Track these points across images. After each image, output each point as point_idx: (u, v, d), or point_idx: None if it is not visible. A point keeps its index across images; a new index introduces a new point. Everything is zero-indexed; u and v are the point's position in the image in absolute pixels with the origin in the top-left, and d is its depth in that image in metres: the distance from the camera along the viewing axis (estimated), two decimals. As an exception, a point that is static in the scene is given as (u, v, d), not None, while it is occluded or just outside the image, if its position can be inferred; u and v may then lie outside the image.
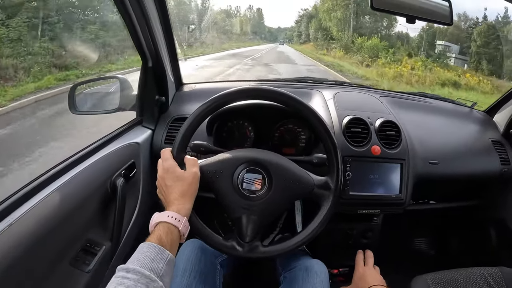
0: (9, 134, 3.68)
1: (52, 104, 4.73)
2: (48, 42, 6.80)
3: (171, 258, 0.60)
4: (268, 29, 47.27)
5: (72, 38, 8.25)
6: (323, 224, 0.80)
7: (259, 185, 0.78)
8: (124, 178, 0.91)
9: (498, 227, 1.36)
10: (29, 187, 0.71)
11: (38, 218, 0.66)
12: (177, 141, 0.77)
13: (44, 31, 7.09)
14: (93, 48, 8.36)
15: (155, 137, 1.13)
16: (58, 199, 0.72)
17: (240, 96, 0.82)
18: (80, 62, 6.88)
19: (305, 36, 32.75)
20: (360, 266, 1.01)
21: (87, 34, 8.78)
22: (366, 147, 1.03)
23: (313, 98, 1.27)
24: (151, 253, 0.58)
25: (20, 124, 4.01)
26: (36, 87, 5.25)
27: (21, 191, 0.69)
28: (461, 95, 8.62)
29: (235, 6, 39.33)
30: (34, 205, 0.67)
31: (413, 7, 0.95)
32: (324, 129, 0.81)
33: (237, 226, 0.78)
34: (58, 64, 6.42)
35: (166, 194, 0.71)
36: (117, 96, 1.09)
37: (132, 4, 0.88)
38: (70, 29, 8.29)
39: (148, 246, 0.59)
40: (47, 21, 7.19)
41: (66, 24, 7.93)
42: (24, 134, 3.73)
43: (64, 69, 6.42)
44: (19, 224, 0.62)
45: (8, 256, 0.58)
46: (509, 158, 1.27)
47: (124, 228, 0.95)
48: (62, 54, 6.87)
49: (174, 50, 1.16)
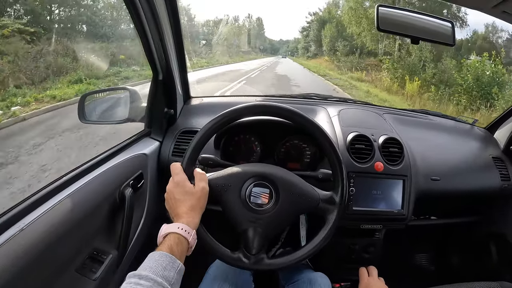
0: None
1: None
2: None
3: (182, 267, 0.63)
4: (269, 41, 43.18)
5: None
6: (327, 238, 0.82)
7: (266, 199, 0.80)
8: (132, 188, 0.93)
9: (499, 242, 1.37)
10: (40, 193, 0.72)
11: (48, 225, 0.67)
12: (187, 155, 0.80)
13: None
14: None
15: (163, 149, 1.15)
16: (68, 206, 0.74)
17: (248, 112, 0.84)
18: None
19: (316, 48, 25.45)
20: (364, 277, 1.01)
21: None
22: (370, 163, 1.05)
23: (318, 114, 1.29)
24: (163, 262, 0.60)
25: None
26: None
27: (33, 197, 0.71)
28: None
29: (234, 15, 35.07)
30: (45, 211, 0.68)
31: (417, 27, 0.98)
32: (330, 145, 0.84)
33: (243, 239, 0.79)
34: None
35: (175, 207, 0.73)
36: (127, 107, 1.11)
37: (148, 19, 0.91)
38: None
39: (160, 254, 0.61)
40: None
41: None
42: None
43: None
44: (30, 229, 0.64)
45: (19, 261, 0.59)
46: (509, 174, 1.29)
47: (131, 238, 0.96)
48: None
49: (184, 64, 1.19)
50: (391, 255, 1.32)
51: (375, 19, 0.92)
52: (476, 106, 8.29)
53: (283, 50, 40.15)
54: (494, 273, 1.37)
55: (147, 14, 0.90)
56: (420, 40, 0.98)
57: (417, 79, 10.75)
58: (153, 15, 0.91)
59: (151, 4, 0.89)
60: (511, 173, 1.30)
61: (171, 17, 1.01)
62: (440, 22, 1.01)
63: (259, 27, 41.75)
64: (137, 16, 0.89)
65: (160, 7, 0.94)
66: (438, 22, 1.00)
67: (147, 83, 1.16)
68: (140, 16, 0.89)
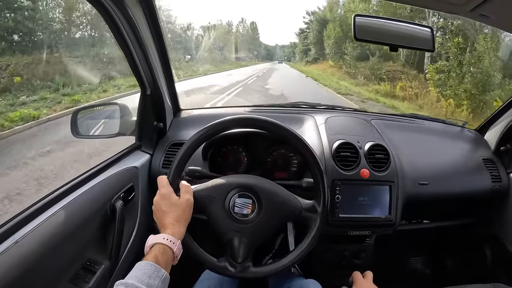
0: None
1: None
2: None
3: (166, 276, 0.65)
4: (264, 46, 40.04)
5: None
6: (311, 245, 0.83)
7: (250, 209, 0.82)
8: (123, 201, 0.96)
9: (493, 244, 1.37)
10: (34, 207, 0.76)
11: (42, 237, 0.71)
12: (172, 168, 0.82)
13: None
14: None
15: (153, 162, 1.17)
16: (61, 219, 0.77)
17: (233, 125, 0.87)
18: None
19: (317, 52, 22.22)
20: (359, 279, 0.98)
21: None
22: (355, 171, 1.06)
23: (306, 123, 1.30)
24: (148, 270, 0.63)
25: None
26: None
27: (27, 210, 0.74)
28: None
29: (227, 20, 31.64)
30: (39, 224, 0.72)
31: (396, 35, 0.99)
32: (310, 155, 0.86)
33: (229, 248, 0.81)
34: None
35: (162, 219, 0.76)
36: (117, 122, 1.14)
37: (129, 35, 0.94)
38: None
39: (145, 264, 0.64)
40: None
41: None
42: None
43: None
44: (24, 242, 0.67)
45: (14, 272, 0.63)
46: (500, 175, 1.29)
47: (123, 248, 0.99)
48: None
49: (171, 78, 1.21)
50: (385, 259, 1.32)
51: (352, 29, 0.93)
52: None
53: (279, 55, 37.90)
54: (489, 275, 1.36)
55: (127, 31, 0.92)
56: (399, 47, 1.00)
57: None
58: (134, 31, 0.94)
59: (130, 20, 0.91)
60: (502, 174, 1.29)
61: (153, 32, 1.03)
62: (419, 28, 1.02)
63: (254, 32, 39.67)
64: (118, 32, 0.92)
65: (140, 22, 0.96)
66: (417, 28, 1.01)
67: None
68: (121, 32, 0.92)
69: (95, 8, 0.85)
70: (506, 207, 1.30)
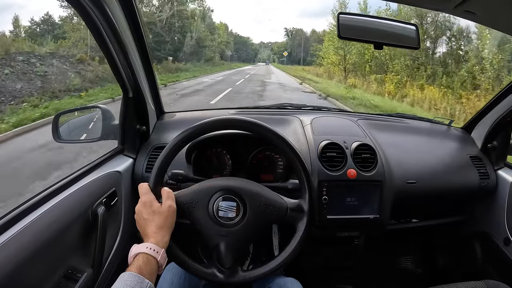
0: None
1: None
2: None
3: (151, 286, 0.64)
4: (242, 39, 29.66)
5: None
6: (299, 246, 0.82)
7: (234, 212, 0.80)
8: (105, 206, 0.93)
9: (482, 240, 1.37)
10: (10, 215, 0.72)
11: (21, 245, 0.68)
12: (153, 175, 0.80)
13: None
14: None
15: (137, 166, 1.15)
16: (41, 226, 0.74)
17: (211, 128, 0.85)
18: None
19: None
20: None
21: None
22: (342, 171, 1.05)
23: (291, 124, 1.29)
24: (132, 282, 0.62)
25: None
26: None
27: (3, 219, 0.71)
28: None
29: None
30: (16, 232, 0.68)
31: (380, 32, 0.98)
32: (293, 153, 0.85)
33: (216, 253, 0.80)
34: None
35: (144, 227, 0.74)
36: (99, 126, 1.12)
37: (109, 37, 0.92)
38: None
39: (128, 275, 0.63)
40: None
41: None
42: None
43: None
44: (2, 250, 0.64)
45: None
46: (488, 172, 1.29)
47: (106, 255, 0.96)
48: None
49: (154, 81, 1.19)
50: (375, 260, 1.31)
51: (336, 27, 0.92)
52: None
53: (265, 54, 28.67)
54: (480, 272, 1.36)
55: (106, 30, 0.89)
56: (383, 45, 0.99)
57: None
58: (113, 30, 0.91)
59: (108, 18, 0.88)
60: (490, 171, 1.30)
61: (133, 31, 1.01)
62: (404, 26, 1.01)
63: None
64: (98, 33, 0.89)
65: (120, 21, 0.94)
66: (401, 26, 1.01)
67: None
68: (101, 34, 0.89)
69: (72, 6, 0.82)
70: (494, 204, 1.30)
